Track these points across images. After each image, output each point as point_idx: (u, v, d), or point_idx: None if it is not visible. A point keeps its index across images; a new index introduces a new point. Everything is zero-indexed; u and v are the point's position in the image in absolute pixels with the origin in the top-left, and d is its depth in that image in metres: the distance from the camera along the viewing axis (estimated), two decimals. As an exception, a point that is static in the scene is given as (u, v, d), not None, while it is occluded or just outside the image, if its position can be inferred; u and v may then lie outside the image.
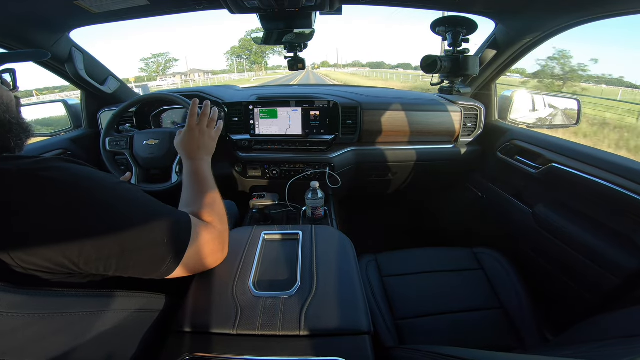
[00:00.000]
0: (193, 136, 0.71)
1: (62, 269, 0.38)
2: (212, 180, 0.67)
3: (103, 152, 1.09)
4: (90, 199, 0.39)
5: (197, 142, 0.71)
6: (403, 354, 0.58)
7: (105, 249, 0.39)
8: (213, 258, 0.57)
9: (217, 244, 0.57)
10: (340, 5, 1.02)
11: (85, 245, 0.37)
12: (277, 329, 0.49)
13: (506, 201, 1.21)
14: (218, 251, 0.58)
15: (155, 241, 0.44)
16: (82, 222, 0.38)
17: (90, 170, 0.43)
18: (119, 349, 0.47)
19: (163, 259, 0.45)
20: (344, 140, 1.28)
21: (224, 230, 0.60)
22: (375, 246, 1.19)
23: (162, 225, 0.45)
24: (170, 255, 0.46)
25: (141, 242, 0.42)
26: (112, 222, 0.40)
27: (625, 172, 0.78)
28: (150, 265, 0.45)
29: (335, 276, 0.59)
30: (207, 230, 0.54)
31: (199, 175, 0.66)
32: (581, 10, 0.88)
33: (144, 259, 0.43)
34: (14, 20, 0.94)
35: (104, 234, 0.39)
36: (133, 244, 0.42)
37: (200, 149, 0.71)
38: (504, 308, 0.87)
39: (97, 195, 0.40)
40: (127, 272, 0.43)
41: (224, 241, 0.60)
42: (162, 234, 0.45)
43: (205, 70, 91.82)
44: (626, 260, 0.76)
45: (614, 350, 0.44)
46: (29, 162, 0.38)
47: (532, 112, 1.35)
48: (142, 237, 0.43)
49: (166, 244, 0.45)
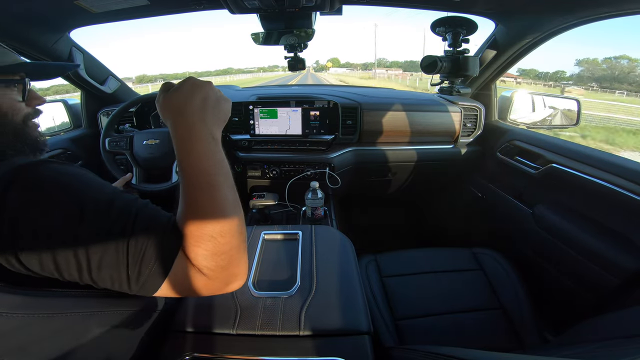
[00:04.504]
0: (201, 85, 0.46)
1: (54, 275, 0.35)
2: (227, 168, 0.43)
3: (103, 152, 1.09)
4: (72, 205, 0.35)
5: (205, 94, 0.45)
6: (402, 354, 0.58)
7: (72, 258, 0.34)
8: (209, 294, 0.42)
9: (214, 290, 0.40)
10: (341, 6, 1.02)
11: (56, 252, 0.34)
12: (276, 329, 0.49)
13: (506, 201, 1.22)
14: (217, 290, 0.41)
15: (119, 264, 0.36)
16: (55, 228, 0.34)
17: (84, 174, 0.39)
18: (119, 349, 0.47)
19: (136, 282, 0.37)
20: (344, 141, 1.28)
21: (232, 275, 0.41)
22: (375, 246, 1.19)
23: (146, 243, 0.36)
24: (148, 274, 0.37)
25: (120, 256, 0.35)
26: (95, 231, 0.35)
27: (625, 172, 0.78)
28: (125, 285, 0.37)
29: (335, 276, 0.59)
30: (198, 279, 0.38)
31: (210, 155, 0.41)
32: (581, 10, 0.88)
33: (120, 276, 0.36)
34: (14, 20, 0.94)
35: (84, 242, 0.34)
36: (111, 257, 0.35)
37: (209, 106, 0.45)
38: (503, 308, 0.87)
39: (76, 200, 0.35)
40: (98, 285, 0.37)
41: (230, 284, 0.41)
42: (143, 251, 0.36)
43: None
44: (626, 261, 0.76)
45: (614, 351, 0.44)
46: (22, 164, 0.36)
47: (531, 112, 1.35)
48: (121, 252, 0.36)
49: (144, 262, 0.36)
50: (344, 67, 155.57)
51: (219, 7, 0.96)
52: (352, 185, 1.40)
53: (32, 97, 0.46)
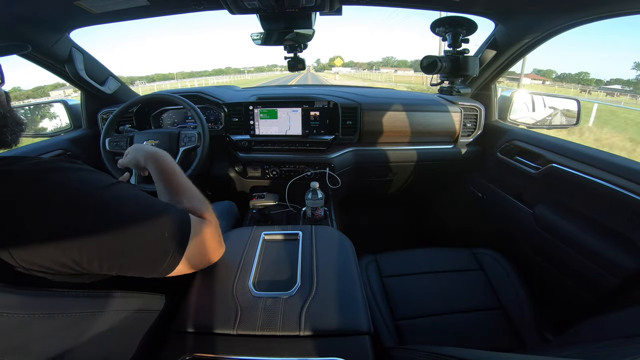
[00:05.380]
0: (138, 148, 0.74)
1: (65, 269, 0.38)
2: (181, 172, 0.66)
3: (103, 152, 1.09)
4: (90, 199, 0.39)
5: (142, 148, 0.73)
6: (403, 354, 0.58)
7: (104, 247, 0.39)
8: (214, 253, 0.57)
9: (216, 238, 0.56)
10: (340, 6, 1.02)
11: (84, 244, 0.37)
12: (277, 329, 0.49)
13: (506, 201, 1.22)
14: (218, 245, 0.58)
15: (156, 237, 0.44)
16: (82, 222, 0.38)
17: (88, 171, 0.43)
18: (119, 349, 0.47)
19: (165, 254, 0.45)
20: (344, 141, 1.28)
21: (218, 225, 0.59)
22: (375, 246, 1.19)
23: (162, 221, 0.45)
24: (172, 249, 0.45)
25: (141, 238, 0.42)
26: (111, 221, 0.40)
27: (625, 172, 0.78)
28: (152, 263, 0.44)
29: (335, 276, 0.59)
30: (206, 225, 0.53)
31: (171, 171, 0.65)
32: (581, 10, 0.88)
33: (145, 256, 0.43)
34: (13, 20, 0.94)
35: (103, 233, 0.39)
36: (133, 242, 0.42)
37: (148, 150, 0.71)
38: (503, 308, 0.88)
39: (96, 195, 0.40)
40: (128, 271, 0.43)
41: (220, 234, 0.59)
42: (163, 229, 0.45)
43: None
44: (626, 261, 0.76)
45: (614, 351, 0.44)
46: (30, 164, 0.38)
47: (531, 112, 1.35)
48: (142, 234, 0.43)
49: (167, 239, 0.45)
50: (347, 66, 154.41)
51: (219, 7, 0.96)
52: (352, 185, 1.41)
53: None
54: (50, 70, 1.20)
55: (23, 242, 0.35)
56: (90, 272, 0.40)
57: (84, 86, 1.28)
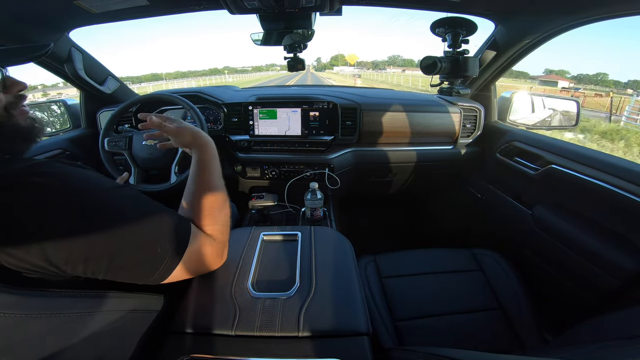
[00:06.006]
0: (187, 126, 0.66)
1: (41, 270, 0.37)
2: (220, 177, 0.61)
3: (102, 152, 1.09)
4: (83, 201, 0.39)
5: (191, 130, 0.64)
6: (402, 355, 0.58)
7: (96, 249, 0.38)
8: (211, 266, 0.56)
9: (216, 255, 0.55)
10: (340, 6, 1.02)
11: (74, 245, 0.37)
12: (275, 330, 0.49)
13: (505, 202, 1.21)
14: (217, 260, 0.56)
15: (151, 241, 0.43)
16: (77, 222, 0.37)
17: (85, 173, 0.43)
18: (116, 349, 0.47)
19: (160, 259, 0.44)
20: (343, 141, 1.28)
21: (226, 241, 0.57)
22: (374, 247, 1.19)
23: (159, 226, 0.45)
24: (167, 256, 0.45)
25: (137, 241, 0.42)
26: (104, 223, 0.39)
27: (624, 173, 0.78)
28: (145, 267, 0.43)
29: (334, 277, 0.59)
30: (207, 242, 0.52)
31: (205, 167, 0.59)
32: (581, 11, 0.88)
33: (138, 259, 0.42)
34: (13, 20, 0.94)
35: (95, 234, 0.38)
36: (127, 244, 0.41)
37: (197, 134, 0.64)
38: (503, 309, 0.87)
39: (91, 197, 0.40)
40: (118, 276, 0.42)
41: (224, 251, 0.57)
42: (159, 234, 0.44)
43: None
44: (625, 262, 0.76)
45: (613, 351, 0.44)
46: (23, 166, 0.38)
47: (531, 113, 1.35)
48: (138, 236, 0.42)
49: (163, 244, 0.44)
50: (351, 65, 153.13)
51: (219, 7, 0.96)
52: (352, 186, 1.40)
53: (10, 84, 0.44)
54: (49, 70, 1.19)
55: (4, 241, 0.34)
56: (69, 275, 0.39)
57: (83, 86, 1.28)
